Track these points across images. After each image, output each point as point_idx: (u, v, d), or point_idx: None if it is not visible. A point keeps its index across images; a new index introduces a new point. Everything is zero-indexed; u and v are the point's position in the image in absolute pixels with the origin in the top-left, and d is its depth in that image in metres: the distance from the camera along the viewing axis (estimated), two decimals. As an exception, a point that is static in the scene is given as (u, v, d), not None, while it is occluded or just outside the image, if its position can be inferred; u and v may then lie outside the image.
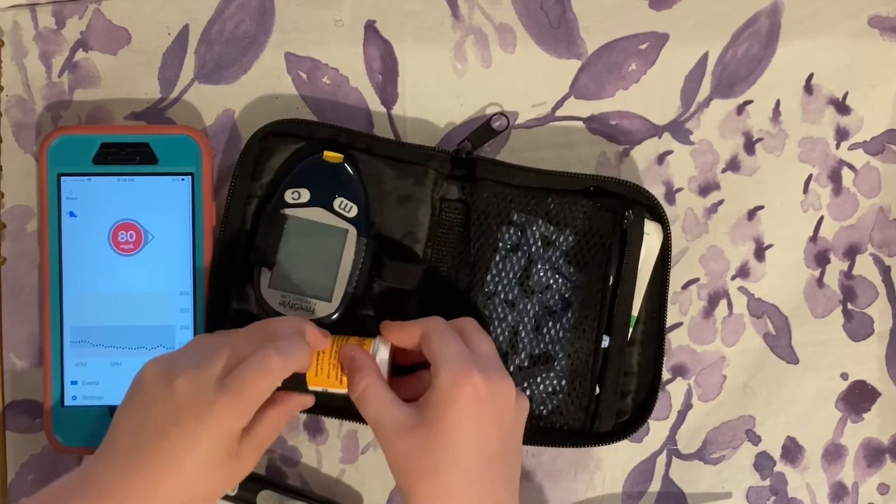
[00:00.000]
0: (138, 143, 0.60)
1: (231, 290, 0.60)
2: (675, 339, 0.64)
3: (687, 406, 0.64)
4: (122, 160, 0.60)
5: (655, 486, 0.65)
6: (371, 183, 0.60)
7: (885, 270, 0.65)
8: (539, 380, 0.60)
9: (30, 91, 0.63)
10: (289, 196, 0.59)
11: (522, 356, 0.60)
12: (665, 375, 0.64)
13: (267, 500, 0.61)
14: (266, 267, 0.58)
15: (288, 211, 0.59)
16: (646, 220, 0.60)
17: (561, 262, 0.60)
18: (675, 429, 0.64)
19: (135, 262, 0.60)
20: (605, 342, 0.60)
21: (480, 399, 0.52)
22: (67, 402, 0.60)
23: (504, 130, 0.61)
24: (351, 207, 0.59)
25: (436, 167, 0.61)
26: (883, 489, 0.65)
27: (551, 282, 0.60)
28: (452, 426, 0.52)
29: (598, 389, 0.60)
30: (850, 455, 0.65)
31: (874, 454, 0.65)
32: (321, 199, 0.59)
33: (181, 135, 0.60)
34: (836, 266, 0.65)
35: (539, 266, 0.60)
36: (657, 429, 0.64)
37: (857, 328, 0.65)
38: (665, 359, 0.63)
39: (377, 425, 0.53)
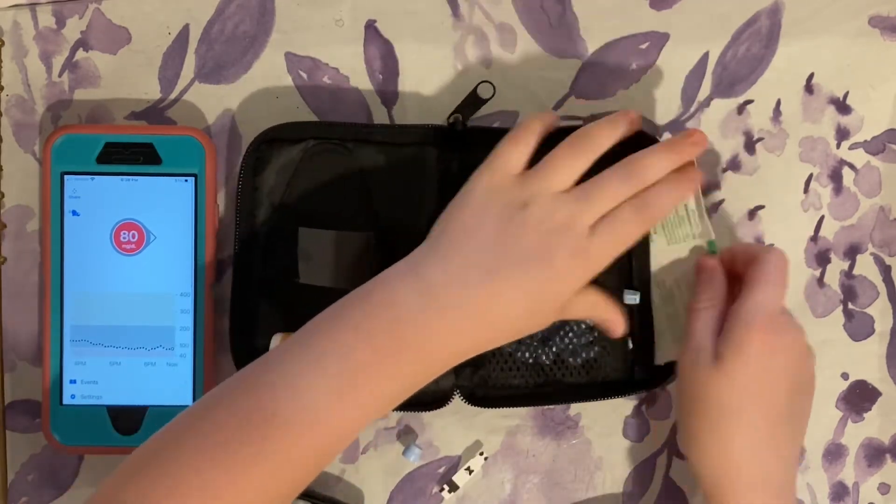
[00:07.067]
0: (142, 143, 0.60)
1: (255, 307, 0.61)
2: (675, 339, 0.64)
3: (687, 406, 0.64)
4: (126, 160, 0.60)
5: (656, 486, 0.65)
6: (372, 172, 0.60)
7: (885, 270, 0.65)
8: (571, 334, 0.61)
9: (30, 91, 0.63)
10: None
11: None
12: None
13: (267, 500, 0.61)
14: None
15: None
16: None
17: None
18: (675, 428, 0.64)
19: (136, 262, 0.60)
20: (636, 299, 0.61)
21: (773, 349, 0.54)
22: (66, 400, 0.60)
23: (491, 97, 0.61)
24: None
25: (433, 144, 0.61)
26: (884, 489, 0.65)
27: None
28: (739, 369, 0.53)
29: (630, 343, 0.61)
30: (850, 455, 0.65)
31: (875, 454, 0.65)
32: None
33: (185, 136, 0.60)
34: (837, 266, 0.65)
35: None
36: (658, 429, 0.64)
37: (858, 328, 0.65)
38: (666, 358, 0.63)
39: (686, 346, 0.56)
